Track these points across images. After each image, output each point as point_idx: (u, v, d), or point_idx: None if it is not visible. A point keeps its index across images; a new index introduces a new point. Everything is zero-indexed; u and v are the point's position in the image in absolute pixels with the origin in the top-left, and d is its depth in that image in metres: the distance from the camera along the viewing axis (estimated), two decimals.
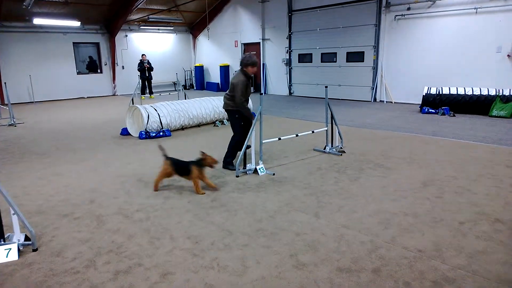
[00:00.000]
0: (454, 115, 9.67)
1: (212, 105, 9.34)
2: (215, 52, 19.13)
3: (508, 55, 9.93)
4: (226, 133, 8.41)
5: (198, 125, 9.19)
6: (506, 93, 9.41)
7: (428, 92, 10.39)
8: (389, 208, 4.01)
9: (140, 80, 15.53)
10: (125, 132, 8.35)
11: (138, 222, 3.85)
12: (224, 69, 18.33)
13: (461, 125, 8.48)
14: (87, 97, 17.00)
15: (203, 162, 4.64)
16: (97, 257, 3.17)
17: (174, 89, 18.72)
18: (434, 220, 3.70)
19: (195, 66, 19.89)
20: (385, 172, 5.24)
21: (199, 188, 4.59)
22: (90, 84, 17.19)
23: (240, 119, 5.47)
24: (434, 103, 10.19)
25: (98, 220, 3.92)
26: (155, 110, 8.26)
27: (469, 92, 9.87)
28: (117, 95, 17.83)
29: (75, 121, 10.68)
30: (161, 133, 8.06)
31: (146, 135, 7.90)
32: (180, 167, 4.66)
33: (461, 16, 10.66)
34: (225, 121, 9.51)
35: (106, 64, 17.56)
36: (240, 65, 5.42)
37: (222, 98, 9.81)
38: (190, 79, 20.54)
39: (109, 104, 14.54)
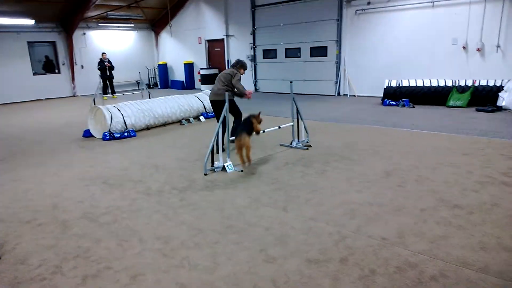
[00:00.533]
0: (413, 107, 10.08)
1: (178, 103, 9.22)
2: (179, 49, 18.84)
3: (463, 47, 10.44)
4: (194, 131, 8.34)
5: (164, 124, 9.05)
6: (462, 83, 9.91)
7: (389, 85, 10.75)
8: (354, 199, 4.14)
9: (101, 80, 15.02)
10: (87, 134, 8.08)
11: (105, 225, 3.76)
12: (189, 67, 18.10)
13: (421, 116, 8.85)
14: (45, 99, 16.24)
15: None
16: (64, 263, 3.07)
17: (137, 88, 18.25)
18: (397, 208, 3.86)
19: (158, 64, 19.50)
20: (350, 164, 5.39)
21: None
22: (48, 85, 16.41)
23: (234, 103, 6.52)
24: (394, 95, 10.57)
25: (63, 226, 3.79)
26: (119, 110, 8.04)
27: (427, 84, 10.31)
28: (77, 95, 17.17)
29: (33, 124, 10.20)
30: (126, 134, 7.86)
31: (110, 136, 7.68)
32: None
33: (419, 9, 11.09)
34: (191, 119, 9.42)
35: (64, 63, 16.84)
36: (235, 65, 6.58)
37: (188, 96, 9.75)
38: (153, 77, 20.12)
39: (69, 105, 13.99)
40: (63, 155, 6.68)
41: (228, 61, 16.64)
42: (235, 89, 6.28)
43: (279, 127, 6.56)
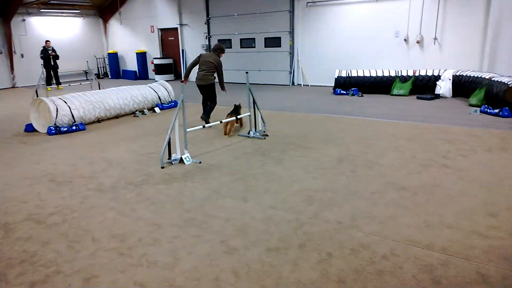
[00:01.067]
0: (362, 96, 10.52)
1: (130, 94, 8.90)
2: (130, 38, 18.06)
3: (404, 40, 11.03)
4: (149, 123, 8.11)
5: (117, 117, 8.71)
6: (404, 73, 10.51)
7: (339, 75, 11.12)
8: (311, 186, 4.27)
9: (45, 70, 14.04)
10: (30, 129, 7.56)
11: (54, 226, 3.57)
12: (141, 56, 17.45)
13: (368, 104, 9.26)
14: None
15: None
16: (8, 270, 2.88)
17: (85, 78, 17.34)
18: (350, 193, 4.04)
19: (108, 53, 18.61)
20: (306, 152, 5.54)
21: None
22: None
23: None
24: (345, 85, 10.96)
25: (5, 229, 3.54)
26: (65, 102, 7.62)
27: (374, 74, 10.80)
28: (17, 87, 15.96)
29: None
30: (74, 127, 7.47)
31: (56, 131, 7.26)
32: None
33: (364, 3, 11.52)
34: (145, 110, 9.15)
35: (1, 52, 15.56)
36: (216, 50, 7.58)
37: (141, 86, 9.43)
38: (103, 67, 19.19)
39: (8, 98, 13.00)
40: (3, 152, 6.23)
41: (182, 50, 16.25)
42: (220, 76, 7.46)
43: (236, 118, 6.56)
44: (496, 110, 7.42)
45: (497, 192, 3.90)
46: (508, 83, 7.32)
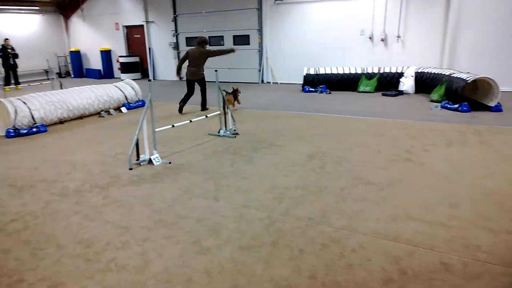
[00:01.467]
0: (330, 93, 10.71)
1: (95, 94, 8.61)
2: (94, 35, 17.45)
3: (369, 37, 11.34)
4: (115, 123, 7.88)
5: (81, 117, 8.41)
6: (370, 71, 10.80)
7: (308, 73, 11.27)
8: (282, 184, 4.30)
9: (3, 69, 13.34)
10: None
11: (15, 233, 3.39)
12: (106, 54, 16.93)
13: (336, 101, 9.44)
14: None
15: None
16: None
17: (46, 78, 16.60)
18: (320, 189, 4.11)
19: (70, 51, 17.90)
20: (276, 150, 5.57)
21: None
22: None
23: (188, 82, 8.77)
24: (313, 82, 11.12)
25: None
26: (24, 103, 7.26)
27: (341, 72, 11.03)
28: None
29: None
30: (35, 129, 7.14)
31: (15, 133, 6.91)
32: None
33: (330, 2, 11.72)
34: (111, 110, 8.89)
35: None
36: (199, 44, 8.39)
37: (107, 86, 9.15)
38: (65, 66, 18.45)
39: None
40: None
41: (149, 48, 15.88)
42: (219, 53, 8.61)
43: (206, 116, 6.50)
44: (456, 105, 7.76)
45: (457, 184, 4.09)
46: (467, 79, 7.67)
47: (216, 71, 6.48)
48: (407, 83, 10.13)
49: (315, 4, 11.99)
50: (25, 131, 7.02)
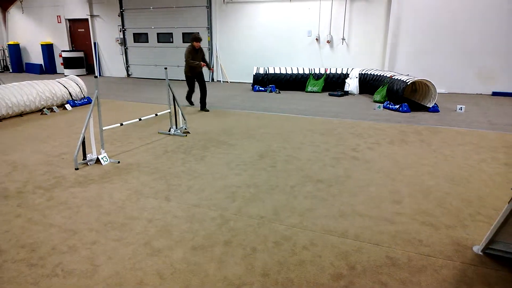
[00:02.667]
0: (279, 92, 10.96)
1: (36, 90, 8.09)
2: (34, 28, 16.33)
3: (316, 39, 11.75)
4: (59, 121, 7.46)
5: (21, 115, 7.86)
6: (317, 71, 11.20)
7: (258, 72, 11.43)
8: (233, 182, 4.36)
9: None
10: None
11: None
12: (48, 48, 15.91)
13: (285, 100, 9.68)
14: None
15: None
16: None
17: None
18: (271, 187, 4.22)
19: (8, 45, 16.58)
20: (228, 149, 5.61)
21: None
22: None
23: (190, 78, 8.64)
24: (262, 81, 11.31)
25: None
26: None
27: (289, 71, 11.31)
28: None
29: None
30: None
31: None
32: None
33: (279, 3, 11.99)
34: (55, 108, 8.40)
35: None
36: (197, 40, 8.19)
37: (49, 82, 8.63)
38: (3, 60, 17.08)
39: None
40: None
41: (95, 43, 15.18)
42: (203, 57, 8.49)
43: (156, 115, 6.38)
44: (397, 106, 8.30)
45: (400, 181, 4.39)
46: (407, 81, 8.23)
47: (166, 68, 6.38)
48: (352, 84, 10.64)
49: (264, 4, 12.18)
50: None
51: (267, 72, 11.34)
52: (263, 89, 11.15)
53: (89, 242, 3.11)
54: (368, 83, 10.30)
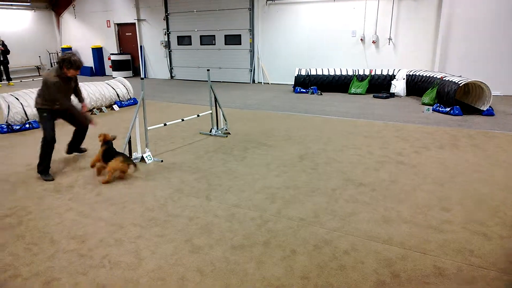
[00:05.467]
0: (321, 94, 10.79)
1: (87, 91, 8.54)
2: (85, 32, 17.30)
3: (361, 39, 11.45)
4: (107, 121, 7.83)
5: None
6: (361, 72, 10.90)
7: (299, 73, 11.33)
8: (273, 184, 4.34)
9: None
10: None
11: (9, 229, 3.38)
12: (97, 52, 16.79)
13: (327, 102, 9.52)
14: None
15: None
16: None
17: (38, 74, 16.43)
18: (311, 189, 4.15)
19: (62, 48, 17.70)
20: (268, 150, 5.61)
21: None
22: None
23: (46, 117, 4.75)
24: (304, 83, 11.19)
25: None
26: (17, 99, 7.18)
27: (332, 73, 11.11)
28: None
29: None
30: (27, 125, 7.07)
31: (8, 129, 6.83)
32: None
33: (323, 3, 11.81)
34: (103, 108, 8.83)
35: None
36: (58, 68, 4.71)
37: (98, 83, 9.10)
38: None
39: None
40: None
41: (141, 46, 15.82)
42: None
43: (198, 115, 6.51)
44: (448, 109, 7.88)
45: (449, 188, 4.16)
46: (459, 82, 7.80)
47: (208, 70, 6.50)
48: (398, 86, 10.26)
49: (307, 4, 12.06)
50: (17, 127, 6.95)
51: (309, 74, 11.22)
52: (304, 90, 11.05)
53: (134, 237, 3.22)
54: (416, 85, 9.89)
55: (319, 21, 11.96)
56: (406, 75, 10.30)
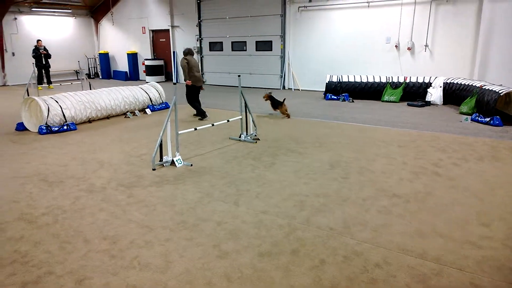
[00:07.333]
0: (353, 101, 10.59)
1: (122, 95, 8.83)
2: (121, 38, 17.95)
3: (395, 46, 11.16)
4: (139, 124, 8.05)
5: (108, 117, 8.63)
6: (395, 80, 10.61)
7: (330, 80, 11.18)
8: (302, 191, 4.28)
9: (36, 69, 13.92)
10: (21, 127, 7.45)
11: (45, 226, 3.52)
12: (132, 57, 17.35)
13: (359, 110, 9.33)
14: None
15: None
16: None
17: (76, 78, 17.16)
18: (342, 199, 4.06)
19: (99, 53, 18.44)
20: (297, 157, 5.55)
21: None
22: None
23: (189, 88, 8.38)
24: (335, 90, 11.03)
25: None
26: (56, 101, 7.52)
27: (364, 80, 10.89)
28: (8, 85, 15.71)
29: None
30: (65, 127, 7.38)
31: (47, 130, 7.16)
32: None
33: (356, 9, 11.63)
34: (137, 112, 9.08)
35: None
36: (191, 54, 8.24)
37: (133, 88, 9.38)
38: (94, 67, 19.02)
39: None
40: None
41: (173, 52, 16.20)
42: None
43: (228, 121, 6.55)
44: (487, 119, 7.51)
45: (489, 202, 3.95)
46: (499, 91, 7.43)
47: (239, 76, 6.54)
48: (435, 94, 9.89)
49: (339, 11, 11.93)
50: (56, 129, 7.27)
51: (341, 80, 11.06)
52: (335, 97, 10.89)
53: (163, 239, 3.26)
54: (454, 93, 9.50)
55: (352, 27, 11.79)
56: (443, 83, 9.92)
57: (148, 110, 9.36)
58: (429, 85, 10.17)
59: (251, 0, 13.51)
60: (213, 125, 6.27)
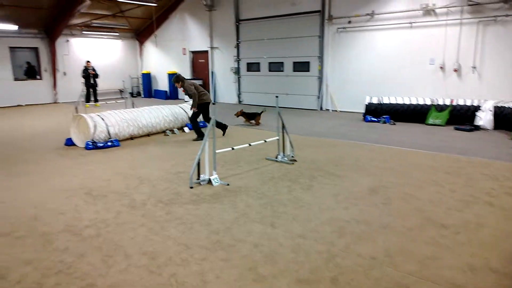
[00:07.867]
0: (394, 123, 10.27)
1: (162, 114, 9.11)
2: (163, 59, 18.73)
3: (440, 67, 10.78)
4: (178, 142, 8.23)
5: (148, 135, 8.91)
6: (441, 102, 10.18)
7: (370, 101, 10.96)
8: (341, 216, 4.14)
9: (85, 87, 14.85)
10: (70, 143, 7.86)
11: (89, 239, 3.62)
12: (173, 77, 18.00)
13: (401, 133, 9.02)
14: (25, 105, 15.76)
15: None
16: (45, 279, 2.92)
17: (120, 96, 17.98)
18: (384, 226, 3.88)
19: (142, 73, 19.31)
20: (336, 180, 5.41)
21: None
22: (29, 91, 15.98)
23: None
24: (376, 112, 10.76)
25: (43, 239, 3.63)
26: (102, 119, 7.87)
27: (407, 102, 10.55)
28: (59, 102, 16.76)
29: (12, 130, 9.84)
30: (109, 143, 7.69)
31: (93, 146, 7.49)
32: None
33: (398, 30, 11.42)
34: (175, 130, 9.32)
35: (46, 70, 16.46)
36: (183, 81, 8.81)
37: (172, 106, 9.67)
38: (137, 86, 19.90)
39: (50, 112, 13.61)
40: (44, 164, 6.45)
41: (212, 73, 16.64)
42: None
43: (265, 141, 6.54)
44: None
45: None
46: None
47: (277, 96, 6.54)
48: (484, 118, 9.35)
49: (381, 31, 11.77)
50: (101, 145, 7.59)
51: (381, 102, 10.80)
52: (375, 119, 10.63)
53: (200, 258, 3.24)
54: (506, 117, 8.93)
55: (394, 48, 11.57)
56: (494, 106, 9.38)
57: (186, 129, 9.58)
58: (478, 108, 9.63)
59: (289, 22, 13.67)
60: (250, 145, 6.28)
